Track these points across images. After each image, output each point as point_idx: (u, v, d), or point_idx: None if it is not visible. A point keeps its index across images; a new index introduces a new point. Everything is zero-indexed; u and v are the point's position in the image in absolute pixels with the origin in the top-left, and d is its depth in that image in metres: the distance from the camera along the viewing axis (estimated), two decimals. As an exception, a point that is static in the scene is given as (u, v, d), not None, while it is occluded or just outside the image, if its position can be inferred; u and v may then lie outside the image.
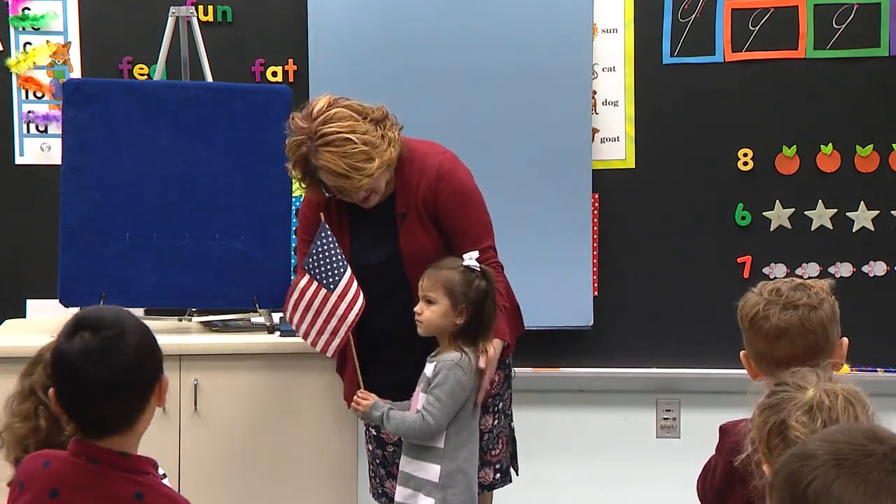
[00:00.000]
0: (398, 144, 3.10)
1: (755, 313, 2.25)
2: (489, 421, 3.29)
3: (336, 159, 2.99)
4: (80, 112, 3.51)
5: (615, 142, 4.11)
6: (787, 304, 2.23)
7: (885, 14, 4.03)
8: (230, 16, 4.05)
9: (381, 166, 3.04)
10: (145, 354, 1.93)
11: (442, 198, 3.15)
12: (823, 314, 2.23)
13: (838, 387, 1.78)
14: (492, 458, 3.31)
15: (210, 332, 3.60)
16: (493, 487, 3.35)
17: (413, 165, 3.17)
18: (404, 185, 3.17)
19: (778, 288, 2.27)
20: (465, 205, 3.19)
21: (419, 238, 3.17)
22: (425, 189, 3.15)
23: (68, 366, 1.87)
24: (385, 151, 3.05)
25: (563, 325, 3.97)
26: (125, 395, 1.90)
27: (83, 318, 1.91)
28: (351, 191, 3.06)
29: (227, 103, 3.58)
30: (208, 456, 3.41)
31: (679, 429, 4.24)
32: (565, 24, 4.02)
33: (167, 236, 3.53)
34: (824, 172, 4.09)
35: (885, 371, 4.04)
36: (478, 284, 3.01)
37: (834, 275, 4.04)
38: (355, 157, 2.99)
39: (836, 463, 1.32)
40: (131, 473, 1.91)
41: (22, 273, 4.01)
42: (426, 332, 3.07)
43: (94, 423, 1.90)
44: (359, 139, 3.00)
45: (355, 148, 2.99)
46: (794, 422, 1.74)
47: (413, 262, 3.16)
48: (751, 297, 2.30)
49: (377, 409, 3.05)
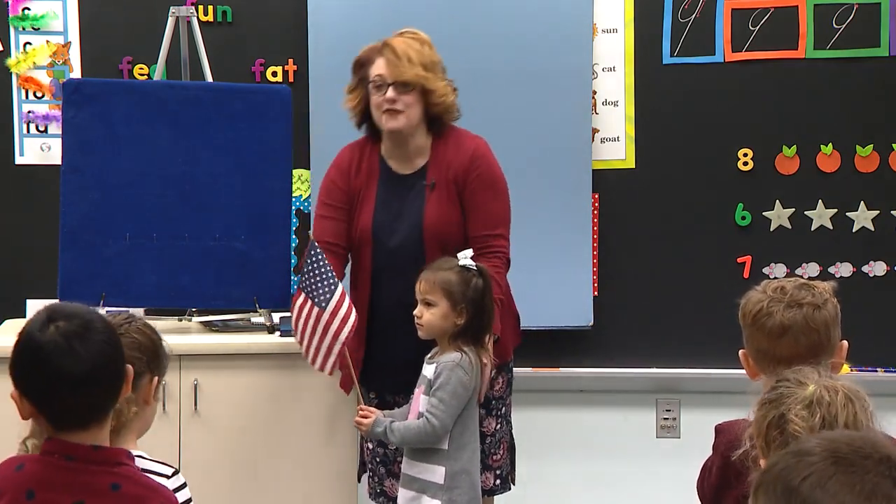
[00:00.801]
0: (448, 100, 3.24)
1: (759, 310, 2.25)
2: (492, 424, 3.31)
3: (402, 43, 3.21)
4: (80, 112, 3.51)
5: (615, 142, 4.11)
6: (791, 303, 2.23)
7: (885, 14, 4.03)
8: (230, 16, 4.05)
9: (429, 81, 3.19)
10: (114, 347, 1.92)
11: (472, 177, 3.24)
12: (827, 314, 2.23)
13: (839, 384, 1.79)
14: (493, 463, 3.32)
15: (210, 332, 3.60)
16: (493, 493, 3.35)
17: (448, 142, 3.29)
18: (437, 160, 3.27)
19: (782, 286, 2.27)
20: (491, 190, 3.27)
21: (445, 211, 3.23)
22: (458, 166, 3.25)
23: (42, 356, 1.86)
24: (439, 81, 3.22)
25: (563, 325, 3.97)
26: (98, 385, 1.89)
27: (54, 311, 1.91)
28: (393, 77, 3.18)
29: (227, 103, 3.58)
30: (208, 456, 3.41)
31: (679, 429, 4.24)
32: (565, 24, 4.02)
33: (167, 236, 3.53)
34: (824, 172, 4.09)
35: (885, 371, 4.04)
36: (475, 283, 3.01)
37: (834, 275, 4.04)
38: (417, 53, 3.19)
39: (835, 461, 1.32)
40: (106, 465, 1.91)
41: (22, 273, 4.01)
42: (427, 335, 3.07)
43: (65, 416, 1.90)
44: (428, 50, 3.23)
45: (422, 50, 3.21)
46: (794, 415, 1.74)
47: (433, 234, 3.21)
48: (754, 294, 2.30)
49: (379, 425, 3.05)
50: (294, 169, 3.78)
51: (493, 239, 3.23)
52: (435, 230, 3.23)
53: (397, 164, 3.32)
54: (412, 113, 3.22)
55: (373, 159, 3.33)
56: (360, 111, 3.31)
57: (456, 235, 3.23)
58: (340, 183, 3.31)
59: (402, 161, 3.31)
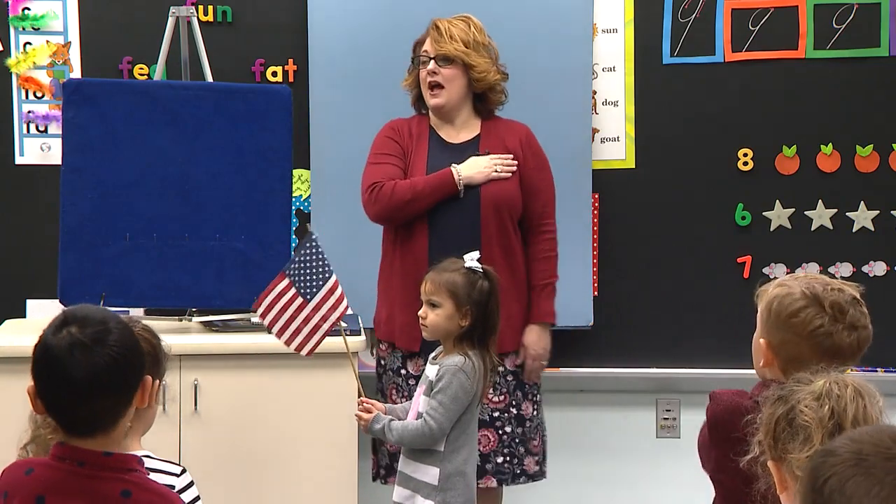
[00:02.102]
0: (490, 77, 3.48)
1: (816, 328, 2.21)
2: (529, 409, 3.51)
3: (447, 22, 3.48)
4: (80, 112, 3.51)
5: (615, 142, 4.11)
6: (851, 325, 2.24)
7: (885, 14, 4.03)
8: (230, 16, 4.05)
9: (469, 56, 3.43)
10: (130, 354, 1.91)
11: (530, 153, 3.53)
12: (870, 333, 2.27)
13: (849, 378, 1.79)
14: (533, 448, 3.51)
15: (210, 332, 3.60)
16: (535, 479, 3.56)
17: (499, 122, 3.58)
18: (490, 134, 3.53)
19: (839, 305, 2.23)
20: (545, 169, 3.57)
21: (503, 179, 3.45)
22: (514, 142, 3.52)
23: (54, 361, 1.86)
24: (480, 58, 3.45)
25: (562, 325, 3.96)
26: (108, 393, 1.88)
27: (70, 315, 1.91)
28: (435, 51, 3.45)
29: (227, 103, 3.58)
30: (208, 456, 3.41)
31: (679, 429, 4.24)
32: (565, 24, 4.02)
33: (167, 236, 3.53)
34: (824, 172, 4.09)
35: (885, 371, 4.04)
36: (481, 285, 3.01)
37: (834, 275, 4.04)
38: (461, 32, 3.45)
39: (856, 462, 1.31)
40: (117, 472, 1.90)
41: (22, 273, 4.01)
42: (432, 336, 3.07)
43: (76, 422, 1.89)
44: (473, 31, 3.47)
45: (467, 30, 3.47)
46: (803, 407, 1.74)
47: (489, 201, 3.42)
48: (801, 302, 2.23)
49: (378, 422, 3.04)
50: (294, 169, 3.78)
51: (547, 217, 3.54)
52: (491, 197, 3.43)
53: (447, 134, 3.55)
54: (453, 88, 3.46)
55: (422, 127, 3.57)
56: (414, 88, 3.56)
57: (509, 202, 3.45)
58: (395, 138, 3.53)
59: (452, 132, 3.54)
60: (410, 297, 3.30)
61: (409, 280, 3.37)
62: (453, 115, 3.52)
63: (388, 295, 3.54)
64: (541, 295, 3.54)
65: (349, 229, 3.82)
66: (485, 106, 3.55)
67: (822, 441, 1.68)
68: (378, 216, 3.50)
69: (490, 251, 3.38)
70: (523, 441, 3.52)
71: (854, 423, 1.71)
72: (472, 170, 3.43)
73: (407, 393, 3.50)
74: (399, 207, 3.42)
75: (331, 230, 3.83)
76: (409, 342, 3.46)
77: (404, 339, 3.48)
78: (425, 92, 3.50)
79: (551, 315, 3.56)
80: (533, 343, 3.52)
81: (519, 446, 3.53)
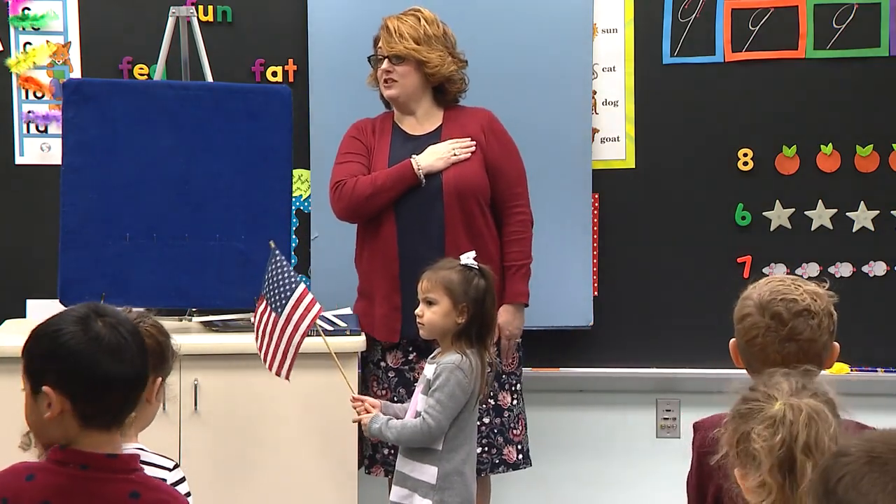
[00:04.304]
0: (443, 71, 3.54)
1: (753, 336, 2.20)
2: (507, 399, 3.53)
3: (397, 20, 3.55)
4: (80, 112, 3.51)
5: (615, 142, 4.11)
6: (789, 337, 2.17)
7: (885, 14, 4.03)
8: (230, 16, 4.05)
9: (419, 53, 3.49)
10: (143, 355, 1.93)
11: (492, 137, 3.58)
12: (821, 345, 2.18)
13: (804, 402, 1.76)
14: (514, 437, 3.55)
15: (210, 332, 3.60)
16: (517, 468, 3.60)
17: (461, 111, 3.63)
18: (452, 123, 3.58)
19: (780, 314, 2.18)
20: (510, 151, 3.62)
21: (465, 162, 3.50)
22: (476, 127, 3.57)
23: (84, 355, 1.85)
24: (432, 53, 3.51)
25: (563, 325, 3.97)
26: (131, 385, 1.89)
27: (97, 309, 1.90)
28: (386, 51, 3.53)
29: (227, 103, 3.58)
30: (208, 456, 3.41)
31: (679, 429, 4.24)
32: (565, 24, 4.02)
33: (167, 236, 3.53)
34: (824, 172, 4.09)
35: (885, 371, 4.03)
36: (477, 283, 3.02)
37: (834, 275, 4.04)
38: (411, 29, 3.51)
39: (869, 460, 1.32)
40: (122, 473, 1.89)
41: (22, 273, 4.01)
42: (429, 335, 3.07)
43: (100, 414, 1.88)
44: (424, 25, 3.53)
45: (416, 26, 3.52)
46: (755, 435, 1.75)
47: (451, 186, 3.46)
48: (750, 308, 2.22)
49: (376, 422, 3.05)
50: (294, 169, 3.78)
51: (517, 198, 3.58)
52: (453, 183, 3.47)
53: (409, 126, 3.60)
54: (406, 82, 3.53)
55: (386, 123, 3.64)
56: (377, 85, 3.62)
57: (472, 186, 3.49)
58: (358, 136, 3.61)
59: (414, 124, 3.59)
60: (386, 289, 3.46)
61: (384, 273, 3.48)
62: (413, 106, 3.59)
63: (364, 288, 3.60)
64: (514, 277, 3.58)
65: (349, 229, 3.81)
66: (444, 97, 3.61)
67: (771, 469, 1.70)
68: (343, 213, 3.58)
69: (455, 236, 3.46)
70: (502, 431, 3.56)
71: (805, 450, 1.71)
72: (432, 157, 3.50)
73: (387, 385, 3.55)
74: (361, 203, 3.49)
75: (331, 230, 3.83)
76: (387, 334, 3.52)
77: (383, 331, 3.53)
78: (381, 85, 3.58)
79: (524, 295, 3.59)
80: (507, 323, 3.55)
81: (497, 436, 3.57)
